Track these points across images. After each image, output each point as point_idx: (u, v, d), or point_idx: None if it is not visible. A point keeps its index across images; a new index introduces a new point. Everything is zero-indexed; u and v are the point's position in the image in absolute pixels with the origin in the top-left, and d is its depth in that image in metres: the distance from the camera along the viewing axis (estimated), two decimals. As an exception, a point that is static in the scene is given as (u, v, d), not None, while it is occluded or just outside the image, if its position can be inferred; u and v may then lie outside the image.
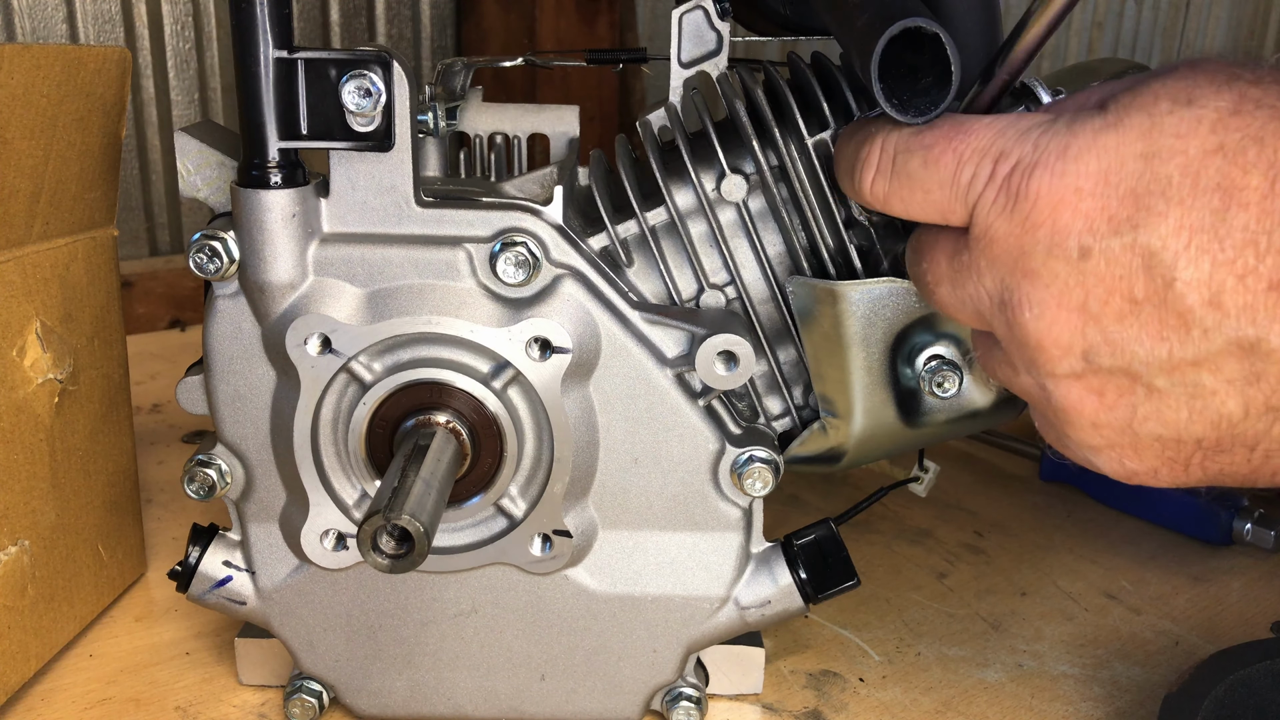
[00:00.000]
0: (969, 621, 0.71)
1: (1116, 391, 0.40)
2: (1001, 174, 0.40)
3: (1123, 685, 0.64)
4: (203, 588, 0.57)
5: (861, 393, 0.55)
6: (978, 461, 0.95)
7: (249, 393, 0.53)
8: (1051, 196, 0.39)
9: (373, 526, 0.43)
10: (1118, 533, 0.83)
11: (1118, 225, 0.38)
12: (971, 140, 0.42)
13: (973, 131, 0.42)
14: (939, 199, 0.43)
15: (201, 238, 0.50)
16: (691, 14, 0.59)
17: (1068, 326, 0.40)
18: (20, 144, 0.56)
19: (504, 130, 0.69)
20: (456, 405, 0.51)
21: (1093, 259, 0.39)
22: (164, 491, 0.85)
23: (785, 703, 0.62)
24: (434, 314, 0.50)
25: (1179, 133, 0.37)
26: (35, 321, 0.59)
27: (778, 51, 1.44)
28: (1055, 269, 0.39)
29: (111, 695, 0.61)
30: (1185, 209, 0.37)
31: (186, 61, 1.35)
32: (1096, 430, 0.42)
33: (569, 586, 0.56)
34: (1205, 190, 0.37)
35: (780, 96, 0.55)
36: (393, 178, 0.50)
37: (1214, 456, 0.40)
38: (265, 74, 0.47)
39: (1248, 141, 0.36)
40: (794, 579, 0.57)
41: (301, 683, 0.58)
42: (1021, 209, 0.40)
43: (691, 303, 0.56)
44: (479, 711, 0.58)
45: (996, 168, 0.41)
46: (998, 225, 0.41)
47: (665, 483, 0.54)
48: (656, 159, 0.56)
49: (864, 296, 0.53)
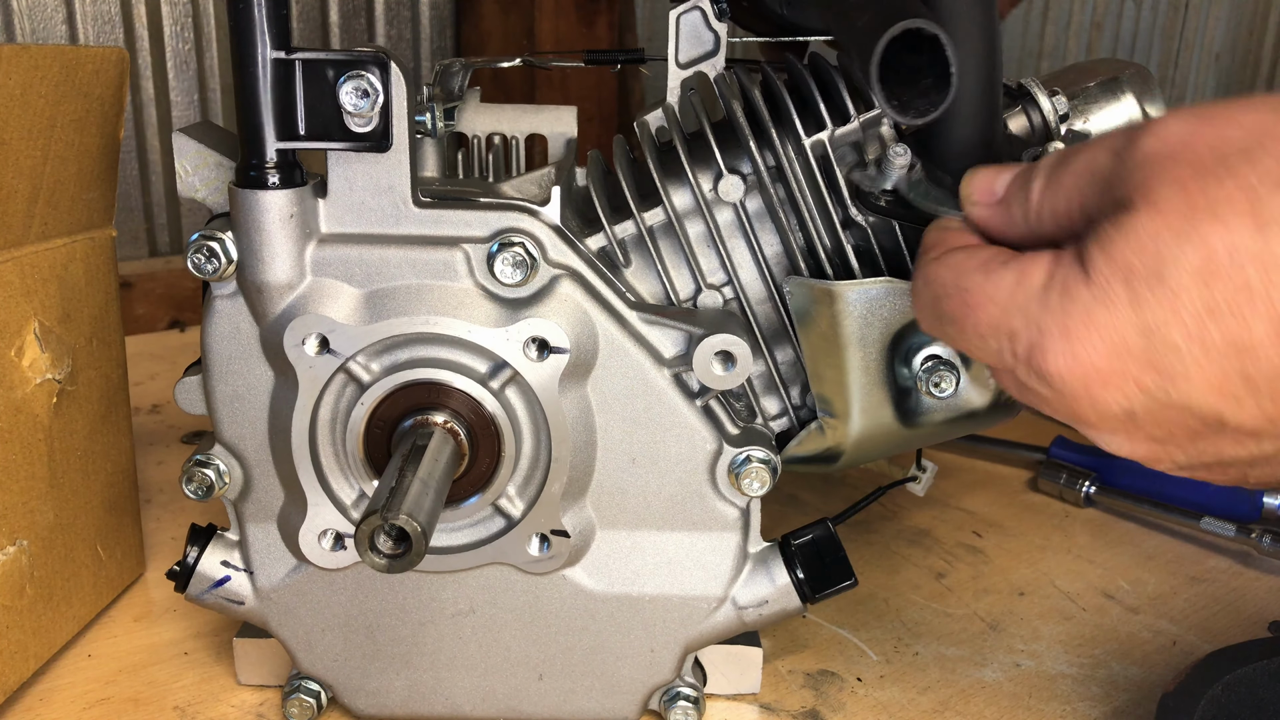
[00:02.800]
0: (967, 621, 0.71)
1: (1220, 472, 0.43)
2: (1022, 356, 0.41)
3: (1120, 685, 0.64)
4: (201, 588, 0.57)
5: (859, 393, 0.55)
6: (976, 461, 0.95)
7: (247, 393, 0.53)
8: (1074, 377, 0.40)
9: (370, 526, 0.43)
10: (1115, 533, 0.83)
11: (1149, 390, 0.39)
12: (983, 318, 0.43)
13: (980, 307, 0.43)
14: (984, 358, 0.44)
15: (200, 238, 0.50)
16: (689, 15, 0.59)
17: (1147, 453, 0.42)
18: (18, 144, 0.56)
19: (502, 131, 0.69)
20: (454, 405, 0.51)
21: (1140, 417, 0.40)
22: (163, 492, 0.85)
23: (783, 702, 0.62)
24: (432, 314, 0.50)
25: (1164, 303, 0.38)
26: (34, 322, 0.59)
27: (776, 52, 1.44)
28: (1112, 425, 0.41)
29: (110, 695, 0.61)
30: (1205, 370, 0.38)
31: (186, 62, 1.35)
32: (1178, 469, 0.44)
33: (567, 586, 0.56)
34: (1217, 351, 0.37)
35: (777, 97, 0.55)
36: (390, 178, 0.50)
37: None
38: (263, 75, 0.47)
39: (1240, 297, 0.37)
40: (791, 579, 0.57)
41: (300, 682, 0.58)
42: (1055, 386, 0.41)
43: (689, 303, 0.56)
44: (477, 711, 0.58)
45: (1016, 349, 0.41)
46: (1040, 390, 0.42)
47: (663, 483, 0.55)
48: (654, 159, 0.56)
49: (861, 297, 0.53)
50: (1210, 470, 0.42)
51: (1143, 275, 0.38)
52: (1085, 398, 0.40)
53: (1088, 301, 0.39)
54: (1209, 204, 0.37)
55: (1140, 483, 0.85)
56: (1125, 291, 0.38)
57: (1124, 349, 0.38)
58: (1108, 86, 0.59)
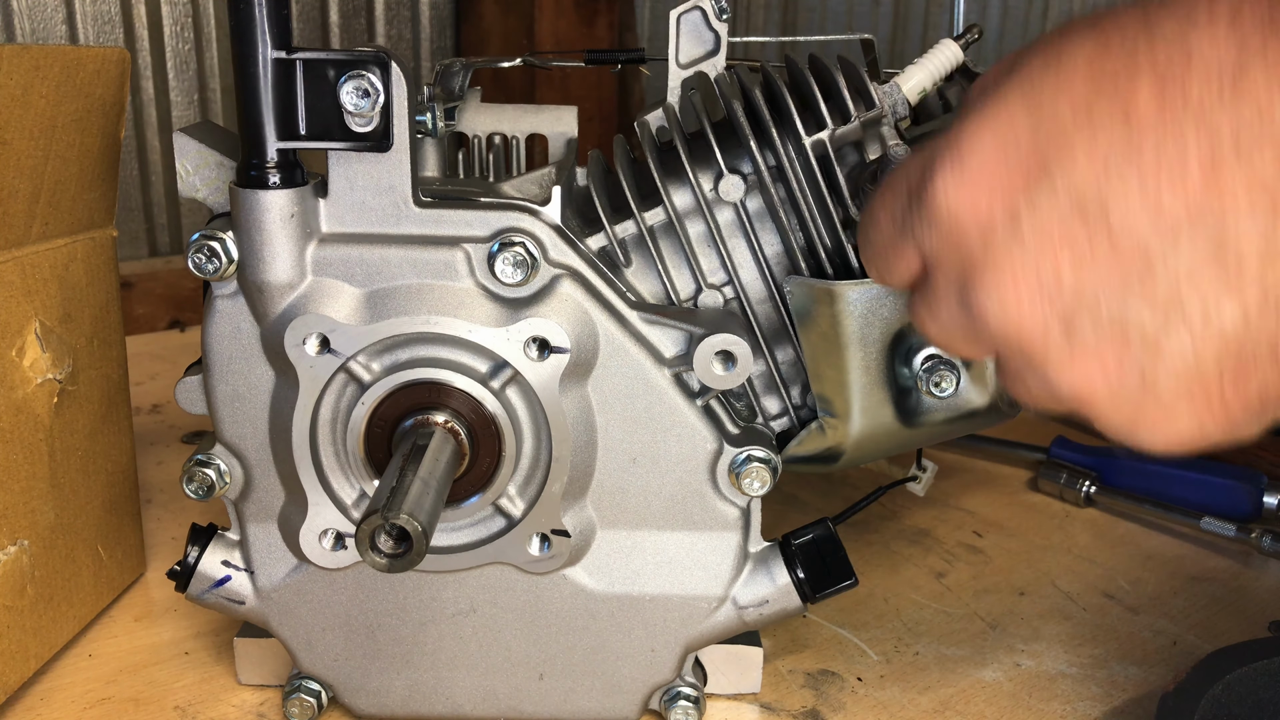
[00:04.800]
0: (967, 621, 0.71)
1: (1114, 354, 0.38)
2: (916, 203, 0.40)
3: (1120, 684, 0.65)
4: (202, 587, 0.57)
5: (859, 392, 0.55)
6: (976, 461, 0.95)
7: (248, 393, 0.53)
8: (960, 189, 0.38)
9: (371, 526, 0.43)
10: (1116, 533, 0.83)
11: (1032, 179, 0.37)
12: (887, 190, 0.42)
13: (888, 183, 0.42)
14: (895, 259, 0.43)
15: (200, 238, 0.50)
16: (689, 14, 0.59)
17: (1032, 304, 0.38)
18: (19, 145, 0.56)
19: (502, 131, 0.69)
20: (455, 405, 0.51)
21: (1023, 222, 0.37)
22: (163, 492, 0.85)
23: (783, 702, 0.62)
24: (432, 314, 0.50)
25: (1059, 81, 0.36)
26: (34, 322, 0.59)
27: (775, 53, 1.44)
28: (995, 254, 0.38)
29: (111, 695, 0.61)
30: (1090, 138, 0.36)
31: (186, 62, 1.35)
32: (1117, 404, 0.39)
33: (567, 586, 0.56)
34: (1103, 116, 0.35)
35: (778, 97, 0.55)
36: (391, 178, 0.50)
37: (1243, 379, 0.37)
38: (264, 74, 0.47)
39: (1121, 59, 0.35)
40: (792, 578, 0.57)
41: (300, 682, 0.58)
42: (941, 217, 0.39)
43: (689, 303, 0.56)
44: (477, 711, 0.58)
45: (911, 201, 0.40)
46: (936, 247, 0.40)
47: (663, 482, 0.55)
48: (654, 159, 0.56)
49: (861, 296, 0.53)
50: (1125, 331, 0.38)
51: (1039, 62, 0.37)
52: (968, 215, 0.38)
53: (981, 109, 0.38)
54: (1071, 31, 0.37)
55: (1140, 483, 0.85)
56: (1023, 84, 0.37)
57: (1012, 140, 0.37)
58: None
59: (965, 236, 0.38)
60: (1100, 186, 0.36)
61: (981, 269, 0.38)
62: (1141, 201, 0.35)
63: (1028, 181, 0.37)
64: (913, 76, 0.58)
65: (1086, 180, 0.36)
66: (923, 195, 0.39)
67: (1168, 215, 0.35)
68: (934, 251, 0.40)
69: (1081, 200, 0.36)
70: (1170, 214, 0.35)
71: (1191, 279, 0.36)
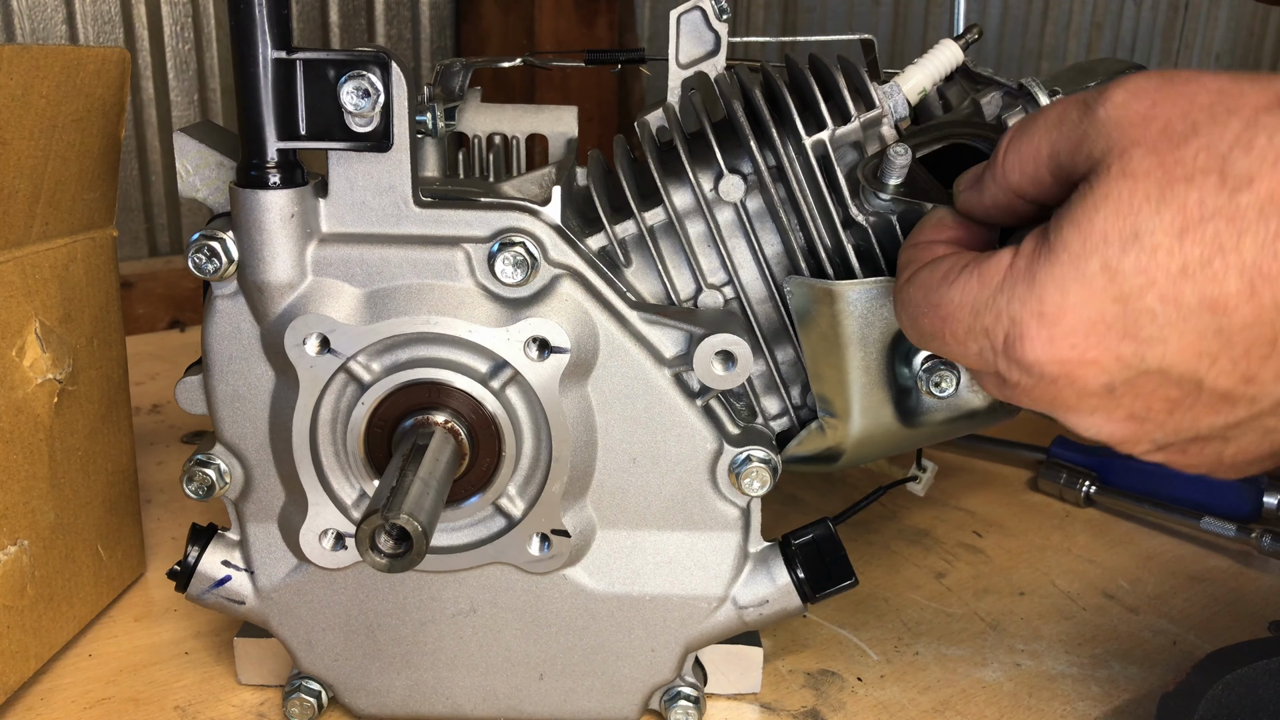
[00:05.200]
0: (967, 621, 0.71)
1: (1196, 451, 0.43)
2: (1001, 350, 0.42)
3: (1120, 684, 0.64)
4: (202, 587, 0.57)
5: (859, 392, 0.55)
6: (976, 461, 0.95)
7: (248, 393, 0.53)
8: (1052, 359, 0.40)
9: (371, 526, 0.43)
10: (1116, 532, 0.83)
11: (1126, 360, 0.39)
12: (958, 327, 0.43)
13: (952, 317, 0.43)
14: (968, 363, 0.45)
15: (200, 238, 0.50)
16: (690, 14, 0.59)
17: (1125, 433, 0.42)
18: (19, 145, 0.56)
19: (502, 131, 0.69)
20: (455, 405, 0.51)
21: (1119, 391, 0.40)
22: (163, 492, 0.85)
23: (783, 702, 0.62)
24: (432, 314, 0.50)
25: (1141, 269, 0.38)
26: (34, 322, 0.59)
27: (775, 53, 1.44)
28: (1092, 404, 0.42)
29: (111, 695, 0.61)
30: (1181, 332, 0.38)
31: (186, 62, 1.35)
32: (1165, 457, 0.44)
33: (567, 586, 0.56)
34: (1192, 311, 0.38)
35: (778, 97, 0.55)
36: (391, 178, 0.50)
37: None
38: (264, 75, 0.47)
39: (1212, 253, 0.37)
40: (792, 578, 0.57)
41: (300, 682, 0.58)
42: (1035, 373, 0.41)
43: (689, 303, 0.56)
44: (478, 711, 0.58)
45: (995, 345, 0.42)
46: (1021, 381, 0.42)
47: (663, 482, 0.55)
48: (654, 159, 0.56)
49: (861, 296, 0.53)
50: (1186, 449, 0.43)
51: (1118, 242, 0.38)
52: (1064, 378, 0.40)
53: (1061, 281, 0.39)
54: (1182, 168, 0.37)
55: (1140, 483, 0.85)
56: (1099, 261, 0.38)
57: (1100, 321, 0.39)
58: (1108, 86, 0.59)
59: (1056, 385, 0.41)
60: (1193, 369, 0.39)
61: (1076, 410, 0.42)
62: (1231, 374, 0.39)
63: (1121, 361, 0.40)
64: (913, 76, 0.58)
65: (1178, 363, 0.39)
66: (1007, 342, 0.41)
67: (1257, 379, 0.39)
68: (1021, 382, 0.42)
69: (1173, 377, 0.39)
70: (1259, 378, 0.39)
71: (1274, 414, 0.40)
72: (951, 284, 0.43)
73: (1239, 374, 0.39)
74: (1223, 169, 0.37)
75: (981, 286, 0.42)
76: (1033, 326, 0.40)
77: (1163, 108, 0.38)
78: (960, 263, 0.44)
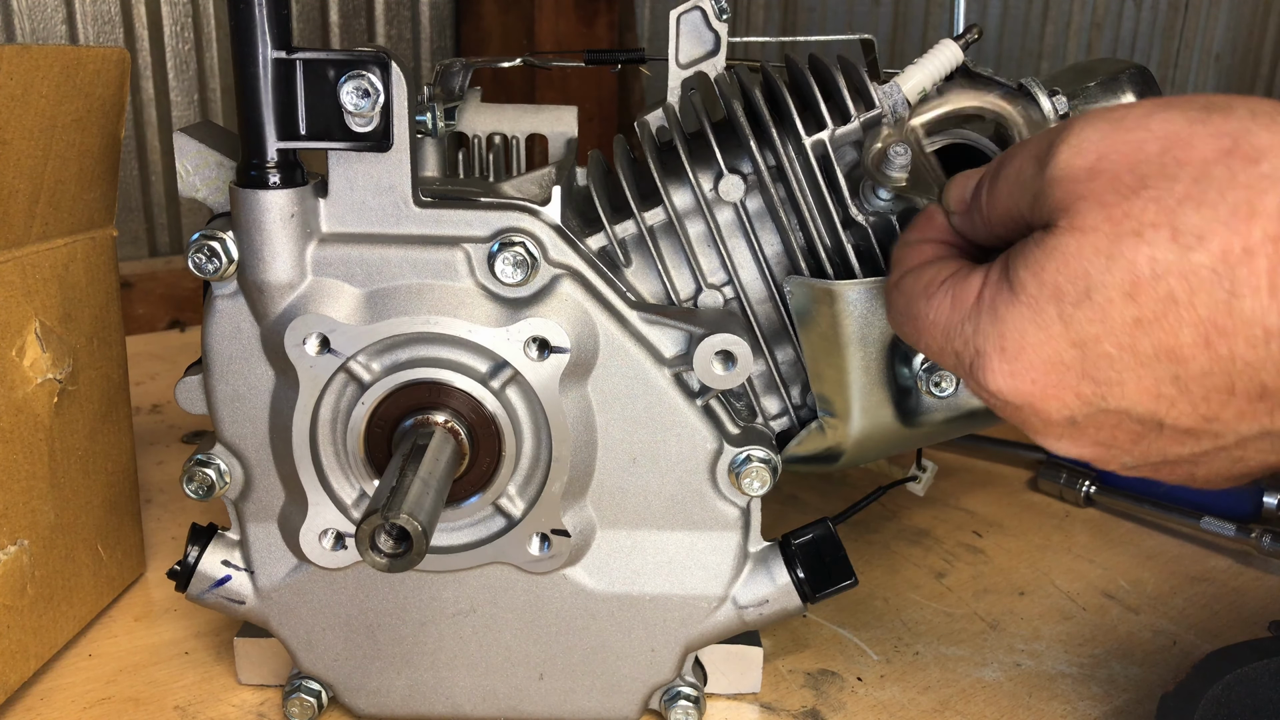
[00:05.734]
0: (967, 621, 0.71)
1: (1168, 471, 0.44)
2: (966, 373, 0.43)
3: (1120, 684, 0.65)
4: (202, 587, 0.57)
5: (859, 392, 0.55)
6: (976, 461, 0.95)
7: (248, 392, 0.53)
8: (1014, 392, 0.41)
9: (371, 526, 0.43)
10: (1116, 532, 0.83)
11: (1087, 398, 0.40)
12: (931, 342, 0.45)
13: (927, 331, 0.45)
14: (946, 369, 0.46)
15: (200, 238, 0.50)
16: (689, 14, 0.59)
17: (1094, 456, 0.43)
18: (19, 144, 0.56)
19: (502, 131, 0.69)
20: (455, 405, 0.51)
21: (1082, 424, 0.42)
22: (163, 491, 0.85)
23: (783, 702, 0.62)
24: (432, 314, 0.50)
25: (1095, 319, 0.39)
26: (34, 321, 0.59)
27: (775, 53, 1.44)
28: (1058, 431, 0.43)
29: (111, 695, 0.61)
30: (1139, 376, 0.39)
31: (186, 62, 1.35)
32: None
33: (567, 586, 0.56)
34: (1148, 358, 0.39)
35: (778, 97, 0.55)
36: (391, 178, 0.50)
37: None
38: (264, 74, 0.47)
39: (1165, 309, 0.38)
40: (792, 578, 0.57)
41: (300, 682, 0.58)
42: (999, 400, 0.42)
43: (689, 303, 0.56)
44: (477, 711, 0.58)
45: (962, 367, 0.43)
46: (991, 402, 0.43)
47: (663, 482, 0.55)
48: (654, 159, 0.56)
49: (861, 296, 0.53)
50: (1158, 469, 0.44)
51: (1071, 296, 0.39)
52: (1027, 408, 0.42)
53: (1019, 321, 0.40)
54: (1130, 222, 0.38)
55: (1140, 483, 0.85)
56: (1055, 310, 0.39)
57: (1059, 363, 0.40)
58: (1108, 86, 0.59)
59: (1021, 410, 0.42)
60: (1153, 411, 0.40)
61: (1042, 432, 0.43)
62: (1192, 414, 0.40)
63: (1081, 398, 0.41)
64: (913, 76, 0.57)
65: (1138, 404, 0.40)
66: (973, 369, 0.42)
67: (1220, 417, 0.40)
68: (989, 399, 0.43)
69: (1134, 416, 0.40)
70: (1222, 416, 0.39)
71: (1240, 446, 0.41)
72: (929, 299, 0.44)
73: (1199, 415, 0.39)
74: (1174, 224, 0.37)
75: (954, 310, 0.43)
76: (994, 360, 0.41)
77: (1109, 160, 0.39)
78: (940, 276, 0.45)
